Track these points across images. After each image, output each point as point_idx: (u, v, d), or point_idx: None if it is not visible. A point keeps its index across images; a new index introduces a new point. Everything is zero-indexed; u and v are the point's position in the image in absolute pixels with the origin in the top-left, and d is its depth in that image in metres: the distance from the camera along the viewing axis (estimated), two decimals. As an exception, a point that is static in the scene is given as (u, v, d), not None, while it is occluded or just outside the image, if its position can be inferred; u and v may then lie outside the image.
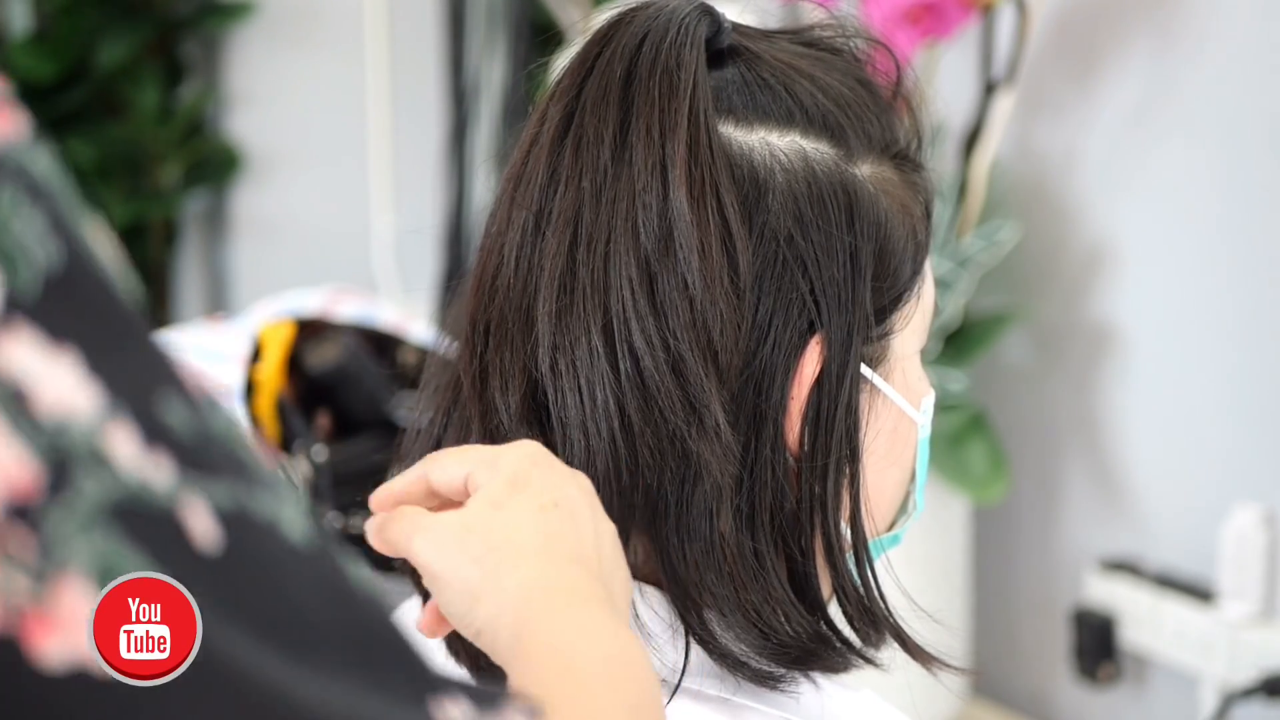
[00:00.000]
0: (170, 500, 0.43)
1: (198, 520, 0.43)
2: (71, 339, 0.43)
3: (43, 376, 0.42)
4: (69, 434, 0.42)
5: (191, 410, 0.45)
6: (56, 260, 0.44)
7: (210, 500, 0.44)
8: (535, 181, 0.79)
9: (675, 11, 0.79)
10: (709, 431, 0.76)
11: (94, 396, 0.43)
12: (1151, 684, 1.67)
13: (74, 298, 0.44)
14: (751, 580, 0.79)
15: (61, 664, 0.41)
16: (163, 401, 0.44)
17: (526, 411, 0.79)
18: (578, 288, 0.77)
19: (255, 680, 0.43)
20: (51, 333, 0.43)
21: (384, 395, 1.62)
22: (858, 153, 0.81)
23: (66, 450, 0.42)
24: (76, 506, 0.41)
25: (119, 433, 0.43)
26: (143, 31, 2.55)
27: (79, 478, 0.42)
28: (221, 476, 0.44)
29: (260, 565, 0.44)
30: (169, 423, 0.44)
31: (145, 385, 0.44)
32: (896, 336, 0.83)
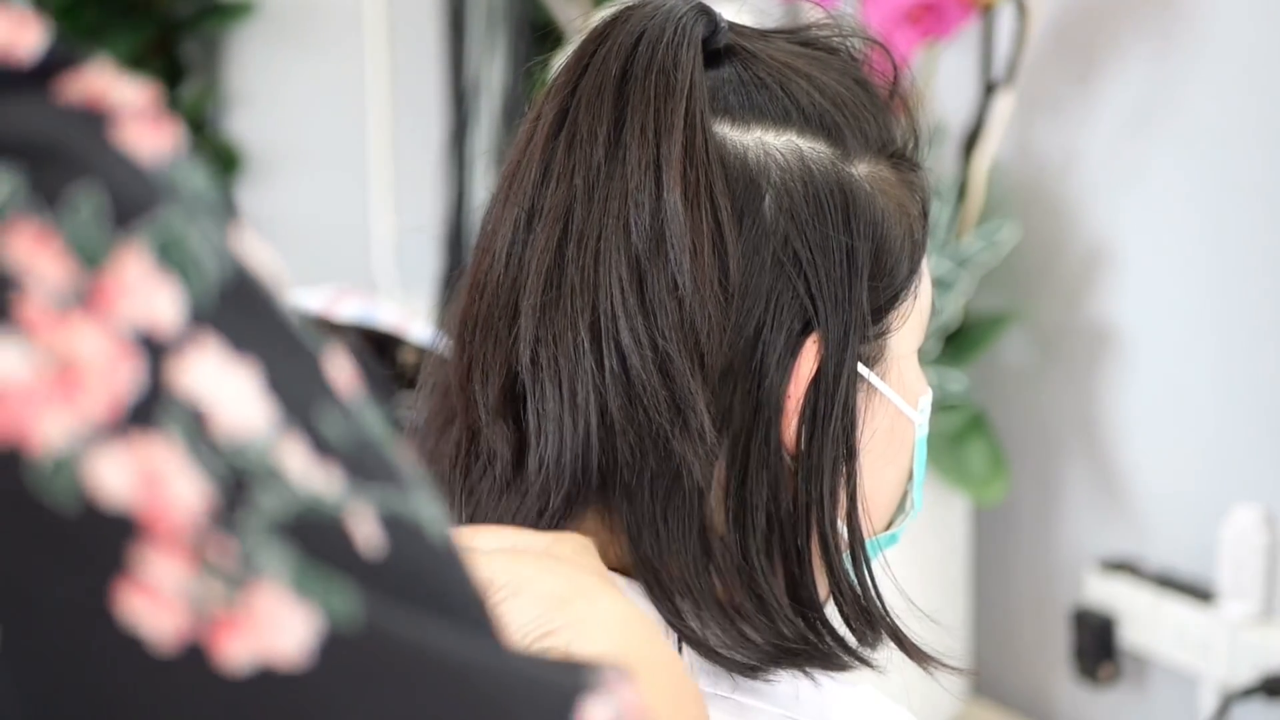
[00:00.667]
0: (339, 510, 0.43)
1: (363, 527, 0.44)
2: (252, 350, 0.43)
3: (223, 394, 0.42)
4: (248, 453, 0.42)
5: (347, 417, 0.45)
6: (229, 272, 0.44)
7: (373, 506, 0.44)
8: (528, 178, 0.79)
9: (672, 11, 0.79)
10: (692, 432, 0.76)
11: (271, 411, 0.43)
12: (1151, 684, 1.67)
13: (248, 308, 0.44)
14: (739, 580, 0.79)
15: (248, 664, 0.41)
16: (324, 411, 0.45)
17: (503, 404, 0.79)
18: (565, 283, 0.77)
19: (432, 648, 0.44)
20: (235, 344, 0.43)
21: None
22: (854, 152, 0.81)
23: (244, 470, 0.42)
24: (256, 522, 0.42)
25: (292, 446, 0.43)
26: (143, 31, 2.55)
27: (257, 494, 0.42)
28: (378, 481, 0.45)
29: (417, 566, 0.45)
30: (328, 432, 0.44)
31: (311, 395, 0.45)
32: (893, 336, 0.83)
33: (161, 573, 0.41)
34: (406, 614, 0.44)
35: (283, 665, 0.42)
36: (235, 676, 0.41)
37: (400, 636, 0.43)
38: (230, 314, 0.44)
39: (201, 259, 0.44)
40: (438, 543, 0.46)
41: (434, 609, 0.45)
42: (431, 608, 0.45)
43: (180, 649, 0.41)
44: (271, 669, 0.41)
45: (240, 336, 0.43)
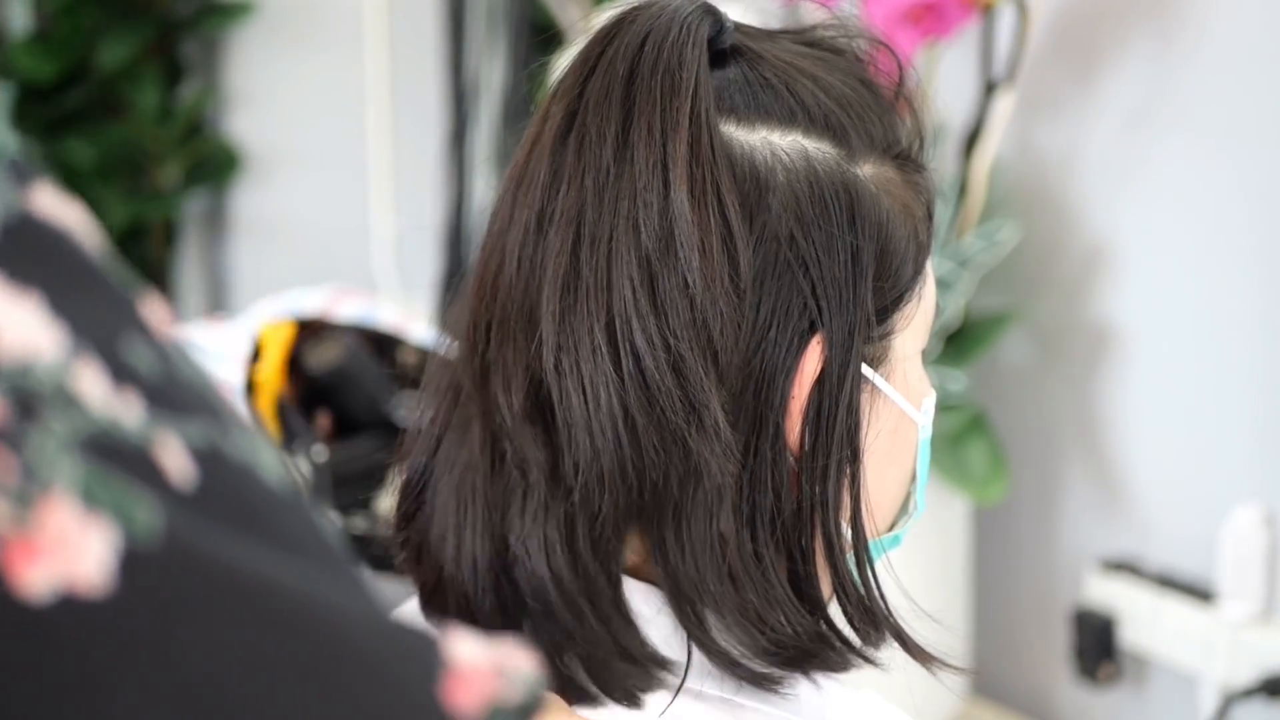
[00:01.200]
0: (142, 438, 0.43)
1: (172, 457, 0.43)
2: (33, 283, 0.43)
3: (4, 320, 0.42)
4: (33, 374, 0.42)
5: (158, 353, 0.45)
6: (13, 210, 0.44)
7: (183, 438, 0.43)
8: (538, 180, 0.79)
9: (678, 11, 0.79)
10: (709, 431, 0.77)
11: (58, 338, 0.43)
12: (1151, 684, 1.67)
13: (32, 244, 0.44)
14: (751, 580, 0.79)
15: (48, 591, 0.40)
16: (127, 343, 0.44)
17: (529, 410, 0.79)
18: (581, 287, 0.77)
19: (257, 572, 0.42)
20: (12, 276, 0.43)
21: (384, 395, 1.62)
22: (860, 153, 0.81)
23: (32, 390, 0.42)
24: (45, 441, 0.41)
25: (86, 373, 0.43)
26: (143, 31, 2.55)
27: (48, 417, 0.41)
28: (193, 416, 0.44)
29: (238, 503, 0.44)
30: (134, 364, 0.44)
31: (110, 327, 0.44)
32: (897, 337, 0.83)
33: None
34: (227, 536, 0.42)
35: (84, 589, 0.40)
36: (37, 605, 0.40)
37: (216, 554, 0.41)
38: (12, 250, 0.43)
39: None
40: (273, 487, 0.45)
41: (264, 538, 0.43)
42: (261, 535, 0.43)
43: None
44: (73, 595, 0.40)
45: (22, 271, 0.43)
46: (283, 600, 0.42)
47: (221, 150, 2.59)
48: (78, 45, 2.54)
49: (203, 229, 2.67)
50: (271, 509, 0.45)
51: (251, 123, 2.58)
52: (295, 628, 0.42)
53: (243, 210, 2.63)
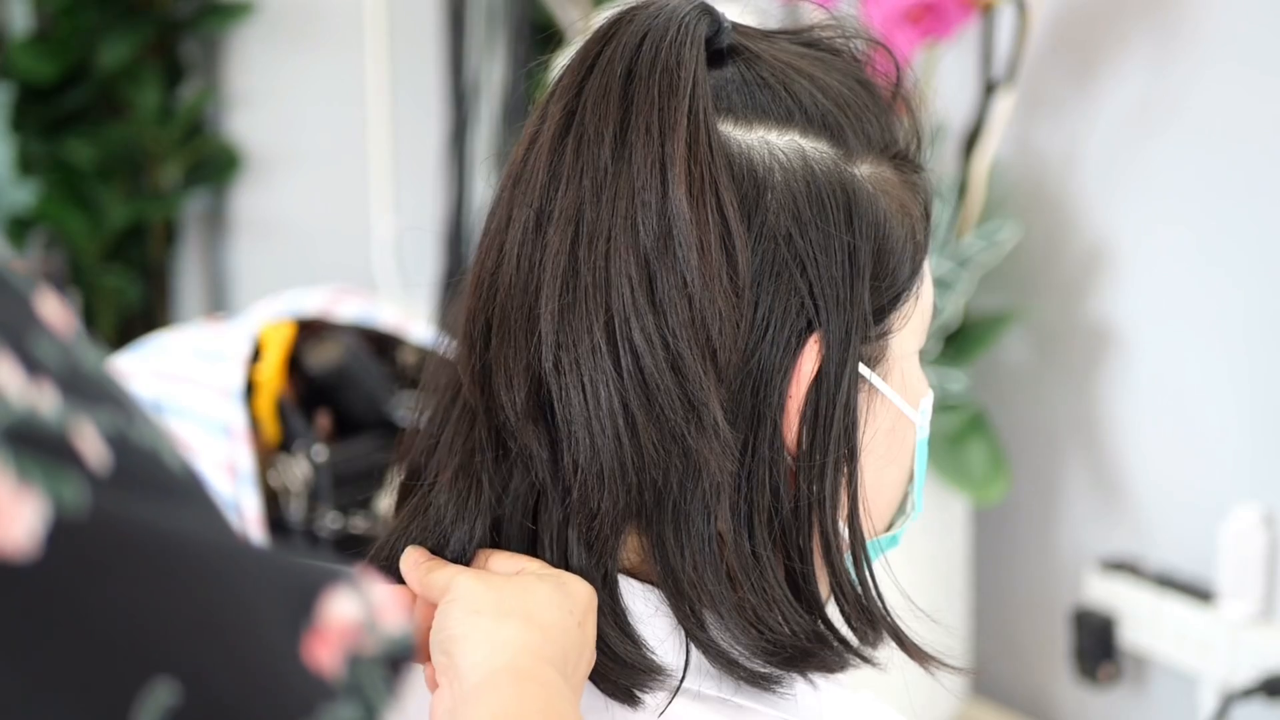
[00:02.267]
0: (60, 425, 0.45)
1: (88, 443, 0.45)
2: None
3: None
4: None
5: (61, 347, 0.46)
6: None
7: (97, 424, 0.45)
8: (536, 179, 0.79)
9: (675, 11, 0.79)
10: (707, 429, 0.77)
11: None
12: (1151, 684, 1.67)
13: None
14: (749, 579, 0.79)
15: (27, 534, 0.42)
16: (34, 338, 0.46)
17: (532, 408, 0.79)
18: (580, 286, 0.77)
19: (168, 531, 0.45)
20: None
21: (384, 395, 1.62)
22: (857, 153, 0.81)
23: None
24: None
25: (2, 365, 0.44)
26: (143, 32, 2.55)
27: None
28: (101, 405, 0.46)
29: (148, 486, 0.46)
30: (42, 358, 0.45)
31: (17, 323, 0.46)
32: (895, 337, 0.83)
33: None
34: (139, 506, 0.45)
35: (14, 555, 0.42)
36: None
37: (133, 521, 0.44)
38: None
39: None
40: (175, 471, 0.47)
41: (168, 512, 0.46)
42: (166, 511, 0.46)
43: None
44: (2, 560, 0.42)
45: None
46: (190, 555, 0.46)
47: (221, 150, 2.59)
48: (78, 45, 2.54)
49: (203, 229, 2.67)
50: (175, 492, 0.47)
51: (251, 123, 2.58)
52: (190, 588, 0.45)
53: (243, 210, 2.63)
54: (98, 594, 0.43)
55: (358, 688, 0.47)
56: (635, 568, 0.81)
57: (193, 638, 0.45)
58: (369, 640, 0.48)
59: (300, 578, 0.48)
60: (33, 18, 2.59)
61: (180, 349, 1.56)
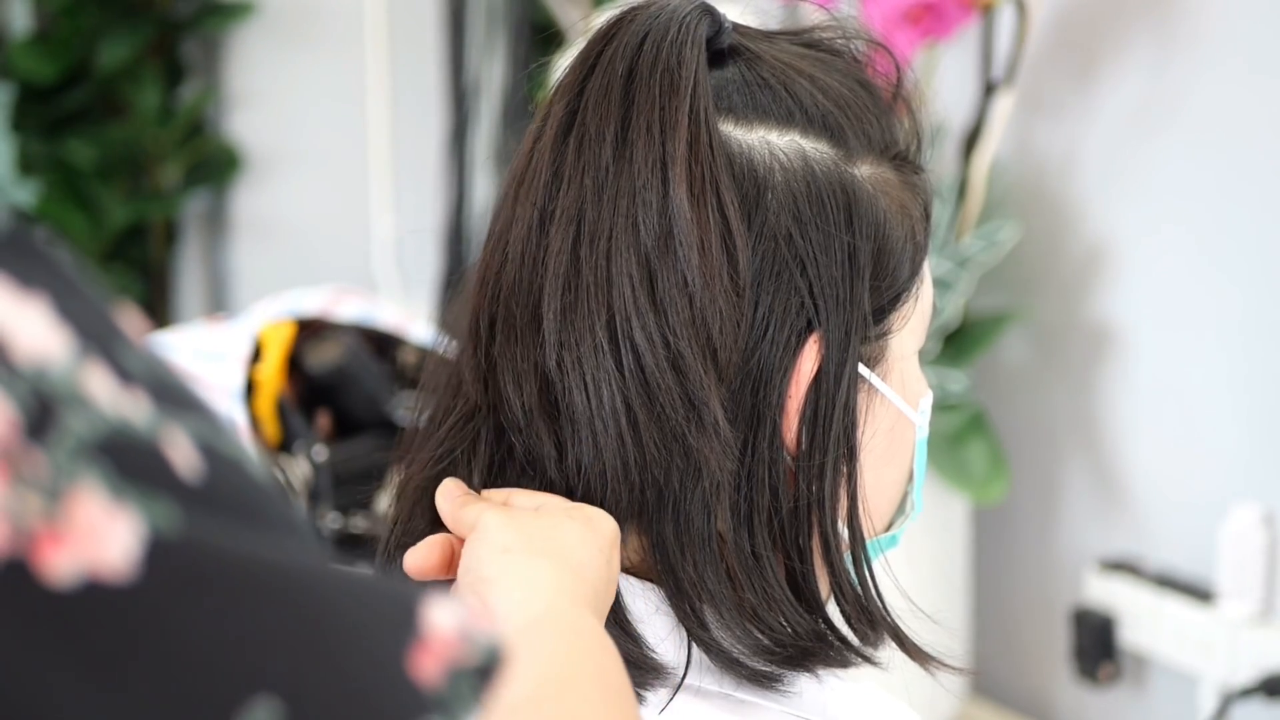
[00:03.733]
0: (152, 434, 0.44)
1: (179, 451, 0.45)
2: (38, 286, 0.44)
3: (17, 323, 0.43)
4: (49, 376, 0.43)
5: (144, 358, 0.46)
6: (7, 222, 0.45)
7: (187, 431, 0.45)
8: (539, 179, 0.79)
9: (676, 11, 0.80)
10: (708, 428, 0.77)
11: (66, 340, 0.44)
12: (1151, 684, 1.67)
13: (30, 251, 0.45)
14: (749, 579, 0.79)
15: (73, 576, 0.42)
16: (121, 348, 0.46)
17: (544, 406, 0.79)
18: (582, 285, 0.78)
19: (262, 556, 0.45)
20: (20, 280, 0.44)
21: (384, 395, 1.62)
22: (857, 153, 0.82)
23: (49, 392, 0.43)
24: (66, 441, 0.43)
25: (95, 373, 0.44)
26: (143, 32, 2.55)
27: (66, 416, 0.43)
28: (188, 413, 0.46)
29: (237, 494, 0.46)
30: (129, 366, 0.45)
31: (104, 331, 0.46)
32: (894, 337, 0.83)
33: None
34: (231, 527, 0.44)
35: (109, 575, 0.42)
36: (61, 589, 0.41)
37: (226, 545, 0.44)
38: (13, 256, 0.44)
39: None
40: (259, 478, 0.47)
41: (261, 528, 0.46)
42: (258, 526, 0.46)
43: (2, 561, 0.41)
44: (98, 580, 0.42)
45: (26, 275, 0.44)
46: (286, 579, 0.45)
47: (221, 150, 2.59)
48: (78, 45, 2.54)
49: (203, 229, 2.67)
50: (263, 501, 0.47)
51: (251, 123, 2.58)
52: (291, 607, 0.45)
53: (243, 210, 2.63)
54: (195, 614, 0.43)
55: (450, 700, 0.47)
56: (636, 567, 0.81)
57: (293, 654, 0.44)
58: (468, 650, 0.48)
59: (398, 590, 0.48)
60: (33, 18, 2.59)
61: (180, 349, 1.56)
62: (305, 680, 0.44)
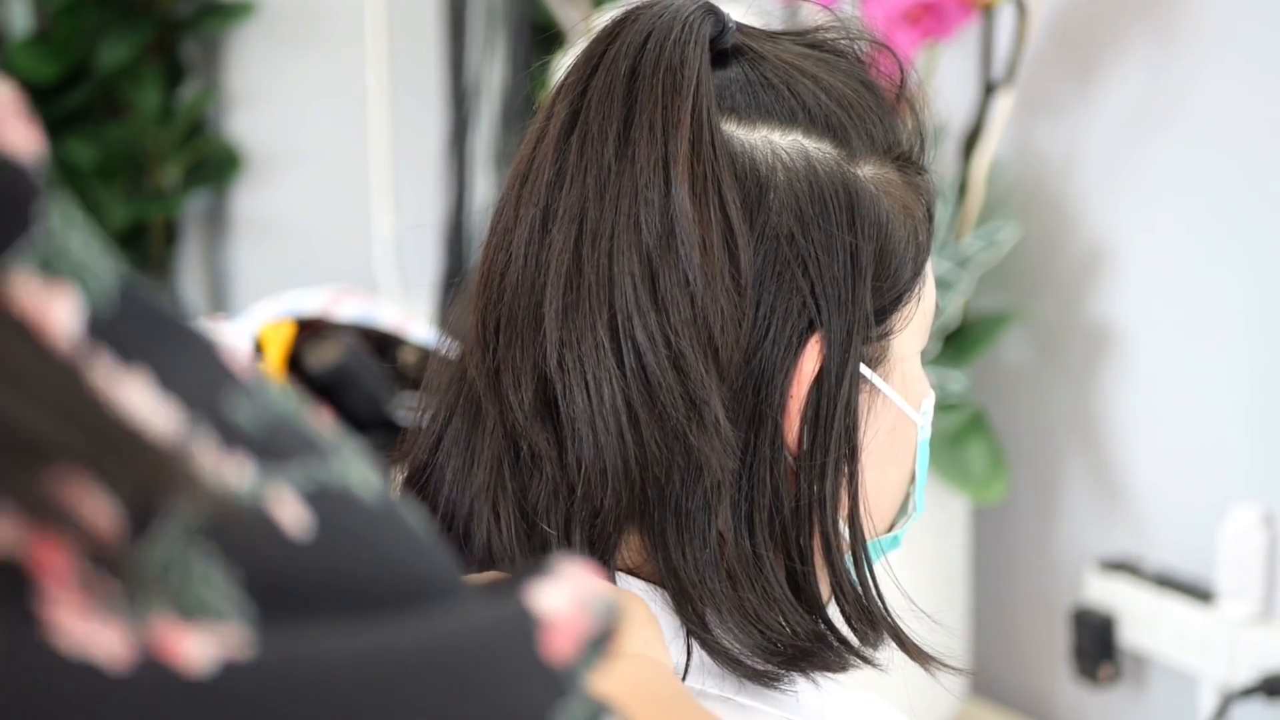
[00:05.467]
0: (256, 499, 0.42)
1: (286, 510, 0.43)
2: (140, 357, 0.42)
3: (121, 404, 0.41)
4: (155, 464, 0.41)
5: (252, 400, 0.44)
6: (120, 279, 0.43)
7: (293, 486, 0.43)
8: (542, 178, 0.79)
9: (680, 10, 0.80)
10: (709, 427, 0.77)
11: (170, 415, 0.42)
12: (1151, 684, 1.67)
13: (137, 311, 0.43)
14: (749, 579, 0.79)
15: (210, 660, 0.40)
16: (228, 400, 0.43)
17: (540, 407, 0.79)
18: (583, 284, 0.78)
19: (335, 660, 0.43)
20: (123, 354, 0.42)
21: (384, 395, 1.62)
22: (860, 153, 0.82)
23: (151, 483, 0.41)
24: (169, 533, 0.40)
25: (199, 445, 0.42)
26: (143, 32, 2.55)
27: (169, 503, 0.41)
28: (295, 458, 0.44)
29: (346, 537, 0.44)
30: (238, 420, 0.43)
31: (210, 386, 0.43)
32: (896, 337, 0.83)
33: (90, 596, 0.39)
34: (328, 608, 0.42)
35: (239, 654, 0.41)
36: (200, 676, 0.40)
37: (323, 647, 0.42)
38: (123, 319, 0.42)
39: (92, 263, 0.42)
40: (371, 501, 0.45)
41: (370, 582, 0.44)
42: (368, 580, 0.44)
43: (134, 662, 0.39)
44: (233, 661, 0.40)
45: (131, 341, 0.42)
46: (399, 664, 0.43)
47: (222, 150, 2.59)
48: (78, 45, 2.54)
49: (203, 229, 2.67)
50: (375, 532, 0.45)
51: (251, 123, 2.58)
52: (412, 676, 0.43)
53: (243, 210, 2.63)
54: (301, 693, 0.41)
55: (580, 669, 0.45)
56: (637, 567, 0.81)
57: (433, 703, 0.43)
58: (589, 619, 0.46)
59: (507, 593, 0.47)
60: (33, 18, 2.59)
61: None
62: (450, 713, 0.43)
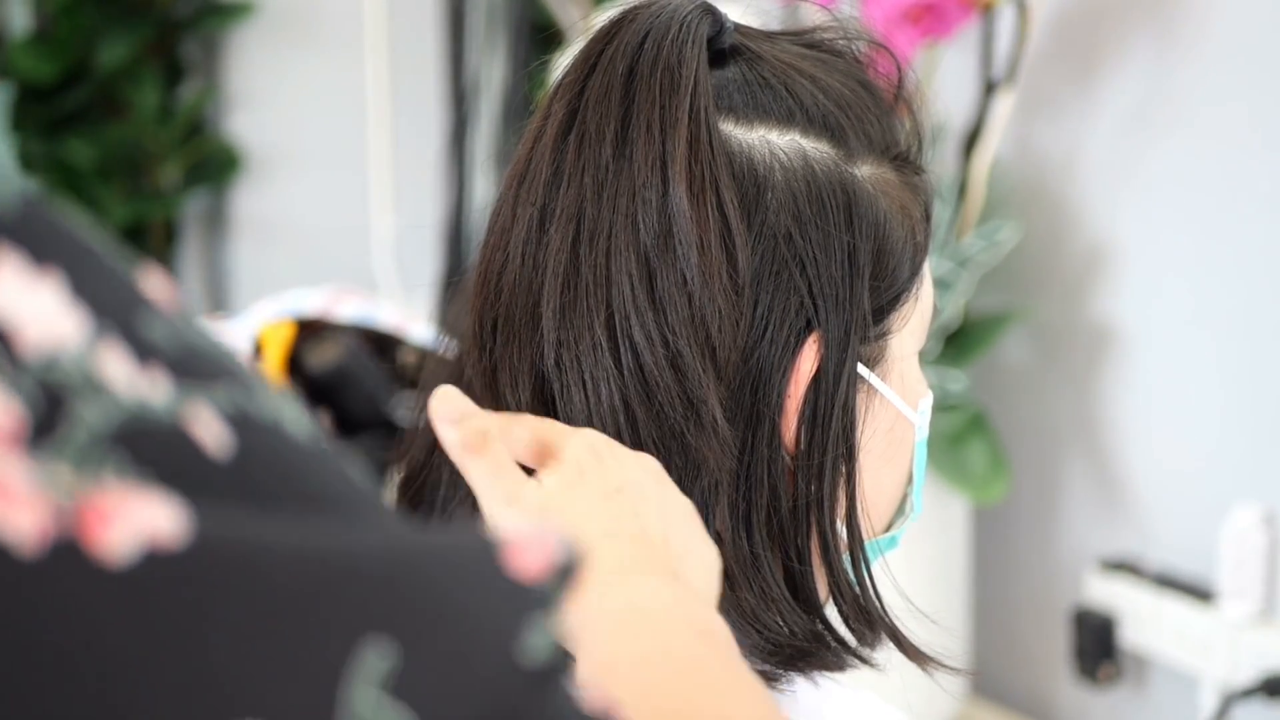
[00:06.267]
0: (172, 414, 0.42)
1: (205, 428, 0.43)
2: (53, 261, 0.42)
3: (27, 308, 0.41)
4: (59, 366, 0.41)
5: (171, 325, 0.44)
6: (27, 190, 0.43)
7: (213, 405, 0.43)
8: (539, 178, 0.80)
9: (678, 10, 0.80)
10: (706, 427, 0.77)
11: (80, 321, 0.42)
12: (1151, 684, 1.67)
13: (46, 225, 0.43)
14: (746, 579, 0.79)
15: (132, 548, 0.39)
16: (144, 318, 0.44)
17: (536, 407, 0.79)
18: (581, 283, 0.78)
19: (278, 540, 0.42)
20: (35, 256, 0.42)
21: (384, 395, 1.62)
22: (858, 153, 0.82)
23: (59, 384, 0.41)
24: (80, 435, 0.40)
25: (110, 355, 0.42)
26: (143, 32, 2.55)
27: (78, 408, 0.41)
28: (216, 383, 0.44)
29: (273, 463, 0.44)
30: (153, 338, 0.43)
31: (125, 303, 0.44)
32: (894, 337, 0.83)
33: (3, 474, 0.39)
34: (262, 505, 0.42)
35: (167, 543, 0.40)
36: (119, 564, 0.39)
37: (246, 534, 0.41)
38: (32, 224, 0.42)
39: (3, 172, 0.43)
40: (301, 441, 0.45)
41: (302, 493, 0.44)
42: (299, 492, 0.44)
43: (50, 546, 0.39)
44: (156, 549, 0.40)
45: (43, 246, 0.42)
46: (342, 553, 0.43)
47: (221, 150, 2.58)
48: (78, 45, 2.54)
49: (203, 229, 2.67)
50: (301, 464, 0.45)
51: (251, 123, 2.58)
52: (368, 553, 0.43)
53: (243, 210, 2.63)
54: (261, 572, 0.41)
55: (550, 593, 0.44)
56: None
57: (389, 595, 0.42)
58: (556, 547, 0.45)
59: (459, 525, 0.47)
60: (33, 18, 2.59)
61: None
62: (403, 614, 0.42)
